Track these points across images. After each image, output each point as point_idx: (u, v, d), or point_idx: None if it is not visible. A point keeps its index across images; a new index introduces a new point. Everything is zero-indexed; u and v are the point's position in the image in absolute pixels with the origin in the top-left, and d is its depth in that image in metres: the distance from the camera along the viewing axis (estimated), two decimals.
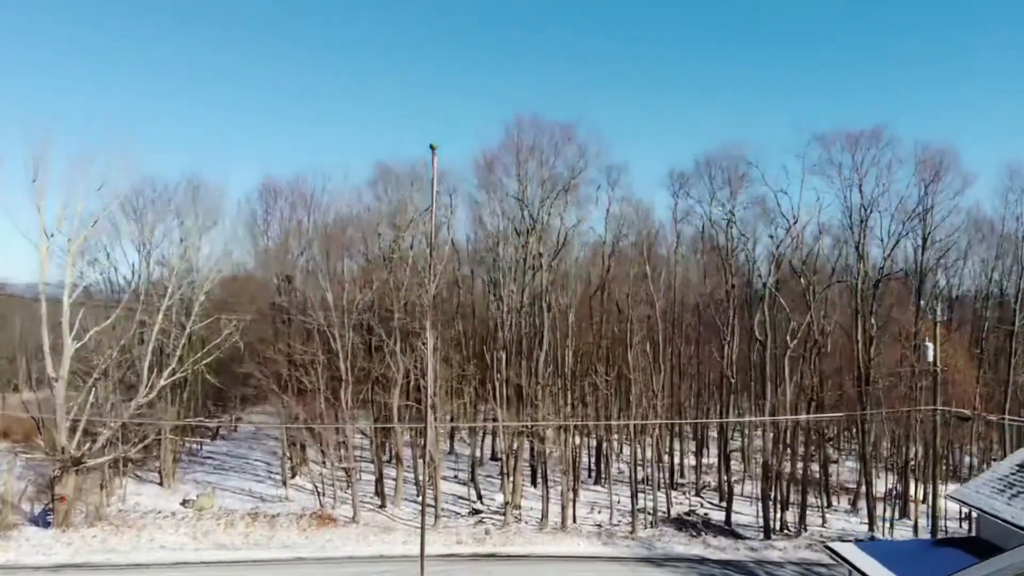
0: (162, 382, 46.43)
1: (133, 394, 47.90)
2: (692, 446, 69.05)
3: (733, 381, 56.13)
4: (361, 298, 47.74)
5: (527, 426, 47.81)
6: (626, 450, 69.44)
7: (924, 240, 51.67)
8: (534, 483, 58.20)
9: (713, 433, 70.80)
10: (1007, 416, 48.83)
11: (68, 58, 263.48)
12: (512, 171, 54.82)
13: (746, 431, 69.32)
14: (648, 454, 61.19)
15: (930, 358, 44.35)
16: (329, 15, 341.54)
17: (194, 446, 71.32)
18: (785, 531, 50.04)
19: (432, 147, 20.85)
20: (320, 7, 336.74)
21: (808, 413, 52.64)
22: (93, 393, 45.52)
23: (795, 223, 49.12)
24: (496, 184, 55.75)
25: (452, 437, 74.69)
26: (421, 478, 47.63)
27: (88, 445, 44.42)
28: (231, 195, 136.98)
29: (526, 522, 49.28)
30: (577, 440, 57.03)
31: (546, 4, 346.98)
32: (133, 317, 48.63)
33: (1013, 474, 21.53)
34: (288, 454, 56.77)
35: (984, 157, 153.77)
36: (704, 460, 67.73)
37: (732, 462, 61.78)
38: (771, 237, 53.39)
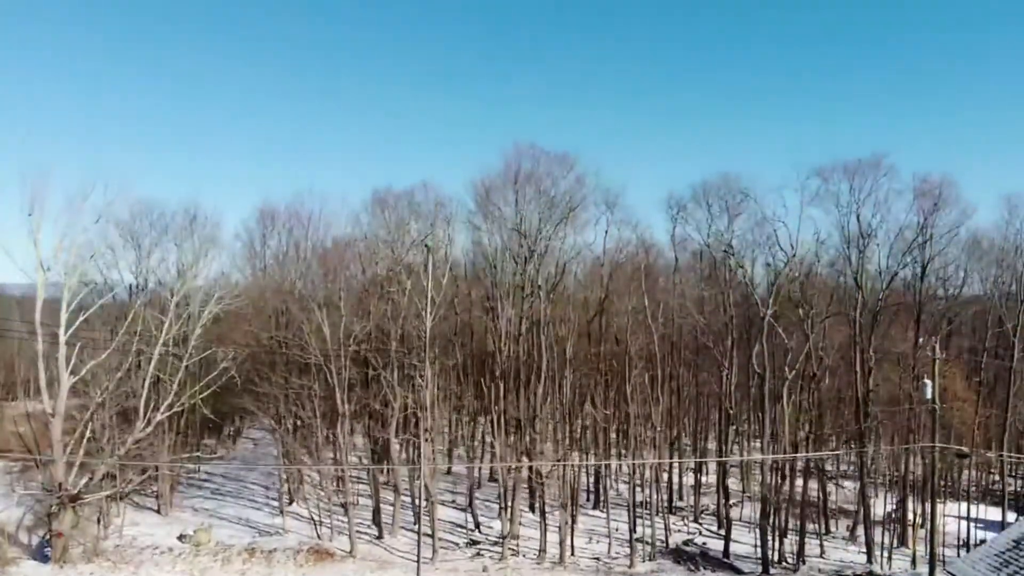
0: (159, 416, 46.33)
1: (131, 425, 47.85)
2: (690, 461, 68.95)
3: (732, 412, 56.04)
4: (359, 330, 47.62)
5: (525, 464, 47.75)
6: (625, 468, 69.55)
7: (923, 270, 51.58)
8: (532, 508, 58.17)
9: (712, 446, 70.64)
10: (1004, 453, 48.72)
11: (66, 82, 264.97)
12: (511, 199, 54.94)
13: (745, 452, 69.32)
14: (647, 473, 61.25)
15: (928, 395, 44.36)
16: (328, 41, 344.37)
17: (192, 466, 71.30)
18: (784, 563, 49.99)
19: (427, 246, 20.77)
20: (318, 34, 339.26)
21: (808, 442, 52.69)
22: (90, 427, 45.39)
23: (793, 256, 49.02)
24: (494, 212, 55.84)
25: (450, 455, 74.66)
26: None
27: (86, 480, 44.32)
28: (229, 222, 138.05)
29: (524, 555, 49.19)
30: (576, 463, 57.03)
31: (547, 34, 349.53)
32: (130, 347, 48.54)
33: (1009, 551, 21.44)
34: (285, 481, 56.73)
35: (988, 180, 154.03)
36: (703, 478, 67.62)
37: (730, 479, 61.73)
38: (768, 264, 53.44)
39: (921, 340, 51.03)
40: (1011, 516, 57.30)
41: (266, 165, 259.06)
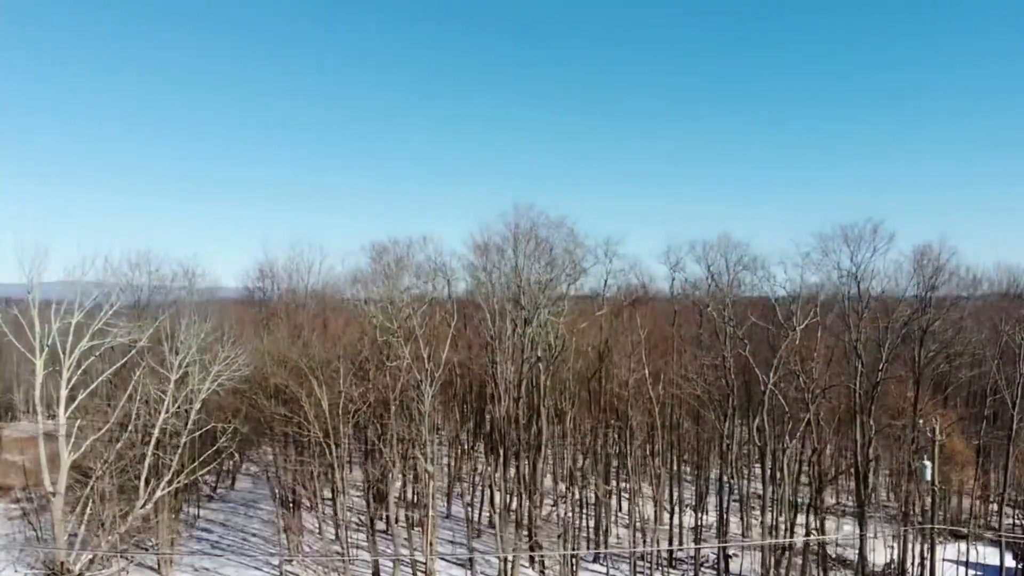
0: (159, 492, 46.28)
1: (130, 496, 47.84)
2: (690, 492, 68.82)
3: (731, 482, 56.13)
4: (358, 403, 47.63)
5: (527, 553, 47.88)
6: (624, 508, 69.77)
7: (921, 341, 51.63)
8: (532, 562, 58.48)
9: (712, 484, 70.66)
10: (1002, 533, 48.91)
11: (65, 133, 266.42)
12: (509, 257, 55.03)
13: (746, 493, 69.35)
14: (648, 510, 61.30)
15: (928, 477, 44.58)
16: (320, 93, 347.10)
17: (192, 511, 71.33)
18: None
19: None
20: (311, 86, 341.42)
21: (808, 509, 52.92)
22: (91, 505, 45.35)
23: (793, 330, 49.00)
24: (493, 272, 55.93)
25: (449, 499, 74.79)
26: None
27: (88, 559, 44.33)
28: (227, 276, 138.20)
29: None
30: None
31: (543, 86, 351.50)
32: (129, 419, 48.45)
33: None
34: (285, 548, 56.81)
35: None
36: (703, 517, 67.48)
37: (732, 517, 61.85)
38: (769, 329, 53.40)
39: (920, 409, 51.29)
40: (1009, 559, 57.96)
41: (266, 219, 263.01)
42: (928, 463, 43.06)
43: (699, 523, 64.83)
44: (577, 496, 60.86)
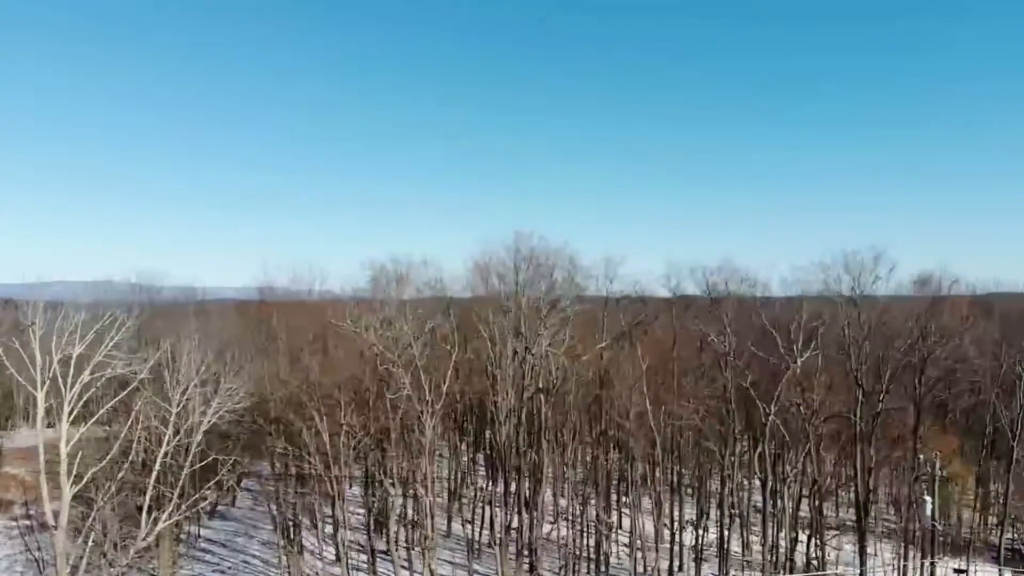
0: (160, 525, 46.25)
1: (132, 527, 47.82)
2: (691, 508, 68.63)
3: (732, 508, 56.11)
4: (359, 434, 47.64)
5: None
6: (626, 523, 69.62)
7: (922, 369, 51.64)
8: None
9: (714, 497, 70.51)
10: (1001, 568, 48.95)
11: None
12: (510, 285, 55.12)
13: (747, 511, 69.20)
14: (647, 527, 61.17)
15: (928, 512, 44.58)
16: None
17: (192, 529, 71.31)
18: None
19: None
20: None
21: (809, 540, 53.00)
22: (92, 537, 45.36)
23: (795, 362, 48.99)
24: (494, 293, 56.00)
25: (449, 517, 74.76)
26: None
27: None
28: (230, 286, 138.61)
29: None
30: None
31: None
32: (130, 450, 48.48)
33: None
34: None
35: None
36: (703, 535, 67.30)
37: (733, 535, 61.69)
38: (770, 359, 53.33)
39: (921, 436, 51.37)
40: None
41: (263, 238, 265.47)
42: (928, 499, 43.05)
43: (699, 542, 64.96)
44: (578, 514, 60.86)
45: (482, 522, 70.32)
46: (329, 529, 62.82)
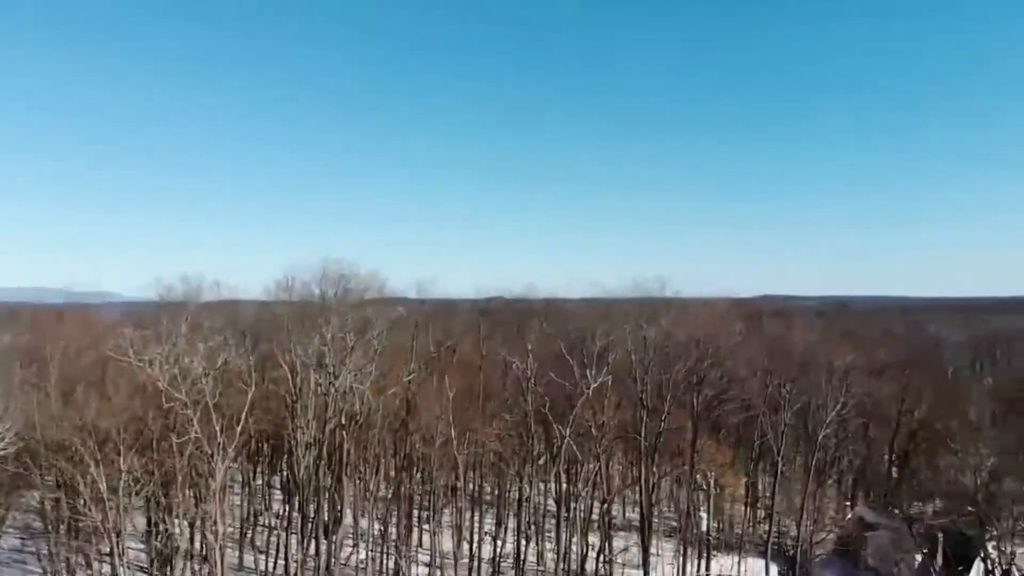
0: None
1: None
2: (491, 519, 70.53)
3: (528, 530, 57.77)
4: (143, 479, 44.32)
5: None
6: (426, 541, 70.27)
7: (698, 391, 56.43)
8: None
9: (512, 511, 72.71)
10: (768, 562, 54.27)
11: None
12: (316, 315, 53.45)
13: (541, 523, 71.94)
14: (447, 544, 62.06)
15: (704, 527, 49.02)
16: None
17: None
18: None
19: None
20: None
21: (598, 559, 56.06)
22: None
23: (588, 388, 51.59)
24: (297, 323, 54.15)
25: (241, 546, 70.52)
26: None
27: None
28: None
29: None
30: None
31: None
32: None
33: None
34: None
35: None
36: (502, 546, 69.37)
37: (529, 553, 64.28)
38: (567, 385, 55.86)
39: (698, 451, 56.29)
40: (774, 571, 65.39)
41: None
42: (704, 515, 47.22)
43: (497, 554, 67.18)
44: (378, 537, 60.43)
45: (276, 552, 67.62)
46: (107, 569, 57.92)
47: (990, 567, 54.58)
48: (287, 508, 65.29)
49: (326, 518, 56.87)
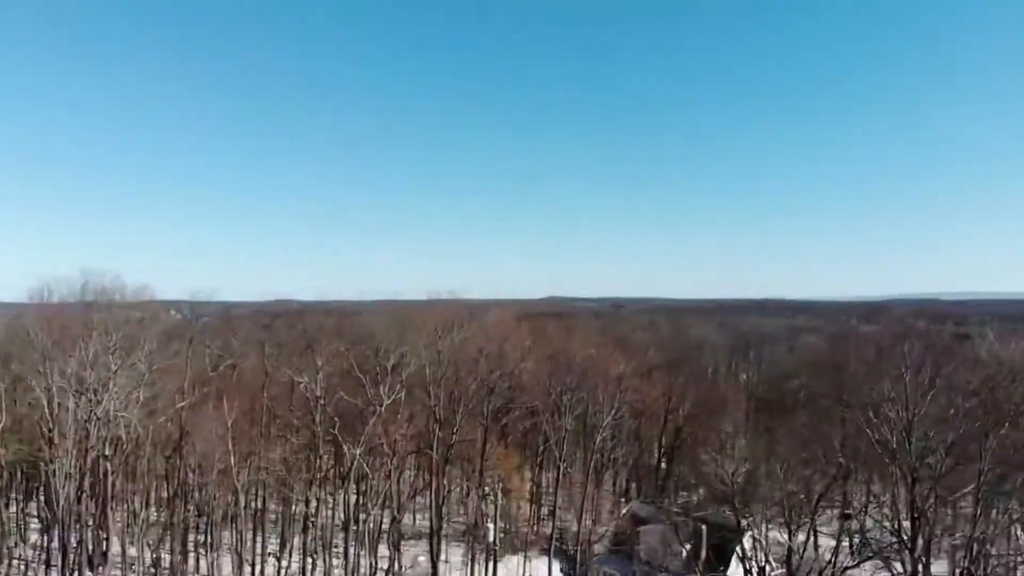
0: None
1: None
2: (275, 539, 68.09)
3: (316, 551, 56.32)
4: None
5: None
6: (203, 566, 66.38)
7: (488, 400, 58.09)
8: None
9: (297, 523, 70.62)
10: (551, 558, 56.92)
11: None
12: (73, 335, 48.33)
13: (329, 538, 70.26)
14: (226, 567, 59.00)
15: (491, 538, 50.73)
16: None
17: None
18: None
19: None
20: None
21: (391, 559, 55.56)
22: None
23: (380, 405, 51.24)
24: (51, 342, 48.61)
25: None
26: None
27: None
28: None
29: None
30: None
31: None
32: None
33: None
34: None
35: None
36: (288, 565, 66.90)
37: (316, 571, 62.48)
38: (356, 403, 55.06)
39: (486, 458, 57.95)
40: (556, 570, 68.91)
41: None
42: (491, 525, 48.87)
43: (282, 573, 65.02)
44: (149, 563, 56.44)
45: None
46: None
47: (746, 555, 60.20)
48: (46, 540, 59.37)
49: (90, 549, 52.40)
